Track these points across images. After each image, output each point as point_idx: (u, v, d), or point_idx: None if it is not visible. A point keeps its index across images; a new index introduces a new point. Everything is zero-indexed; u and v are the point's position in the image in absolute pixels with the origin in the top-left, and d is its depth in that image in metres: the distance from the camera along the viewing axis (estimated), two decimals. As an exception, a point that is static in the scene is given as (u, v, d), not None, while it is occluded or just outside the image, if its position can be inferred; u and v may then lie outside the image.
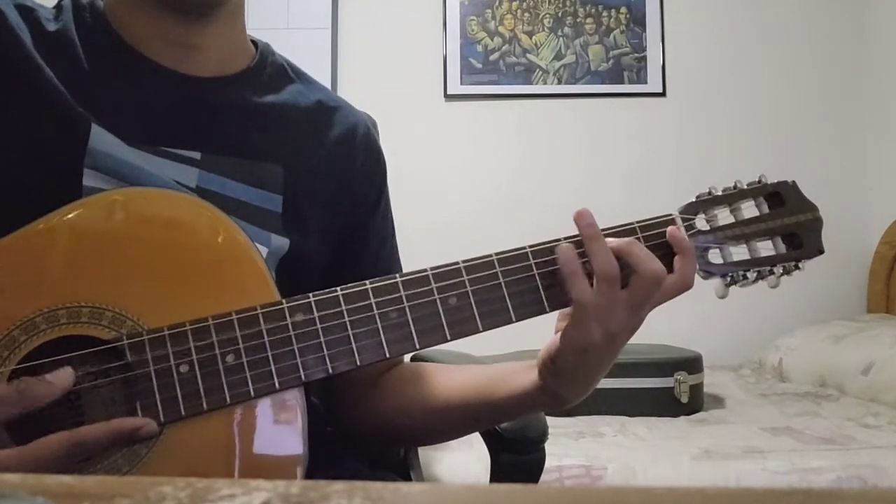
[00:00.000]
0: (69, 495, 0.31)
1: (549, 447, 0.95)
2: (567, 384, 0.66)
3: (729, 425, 1.65)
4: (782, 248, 0.69)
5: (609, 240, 0.63)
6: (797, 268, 0.69)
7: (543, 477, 0.96)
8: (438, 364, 0.79)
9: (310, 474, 0.60)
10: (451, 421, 0.76)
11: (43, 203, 0.60)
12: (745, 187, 0.70)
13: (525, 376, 0.69)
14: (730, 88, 2.60)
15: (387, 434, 0.81)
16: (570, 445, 1.49)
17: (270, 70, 0.79)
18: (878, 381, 1.82)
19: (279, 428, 0.59)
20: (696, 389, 1.80)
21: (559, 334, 0.65)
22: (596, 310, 0.61)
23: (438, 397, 0.75)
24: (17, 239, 0.59)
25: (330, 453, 0.78)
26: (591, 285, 0.62)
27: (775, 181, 0.71)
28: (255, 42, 0.80)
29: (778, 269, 0.69)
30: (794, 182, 0.71)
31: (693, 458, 1.40)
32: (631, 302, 0.62)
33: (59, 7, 0.72)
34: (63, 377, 0.54)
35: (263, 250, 0.69)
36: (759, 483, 1.32)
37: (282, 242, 0.72)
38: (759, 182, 0.70)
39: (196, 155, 0.70)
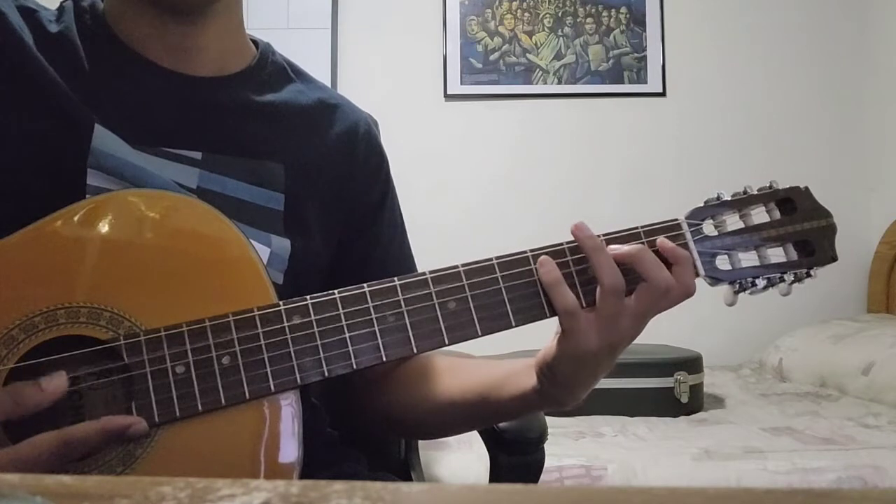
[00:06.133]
0: (69, 495, 0.31)
1: (549, 447, 0.95)
2: (564, 390, 0.66)
3: (729, 425, 1.65)
4: (794, 255, 0.68)
5: (620, 247, 0.63)
6: (809, 275, 0.67)
7: (543, 477, 0.96)
8: (447, 359, 0.79)
9: (310, 475, 0.60)
10: (454, 419, 0.77)
11: (46, 203, 0.60)
12: (756, 192, 0.68)
13: (525, 380, 0.69)
14: (730, 88, 2.60)
15: (391, 427, 0.84)
16: (570, 445, 1.49)
17: (271, 69, 0.79)
18: (879, 381, 1.82)
19: (275, 430, 0.58)
20: (696, 389, 1.80)
21: (556, 342, 0.64)
22: (599, 320, 0.62)
23: (444, 395, 0.75)
24: (17, 239, 0.59)
25: (330, 454, 0.78)
26: (578, 295, 0.62)
27: (787, 187, 0.69)
28: (255, 42, 0.80)
29: (789, 277, 0.67)
30: (806, 188, 0.69)
31: (693, 459, 1.40)
32: (636, 311, 0.62)
33: (61, 9, 0.73)
34: (56, 384, 0.54)
35: (265, 251, 0.69)
36: (760, 483, 1.32)
37: (282, 243, 0.72)
38: (770, 187, 0.69)
39: (197, 155, 0.70)
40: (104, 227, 0.60)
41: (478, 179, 2.58)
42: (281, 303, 0.60)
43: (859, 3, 2.61)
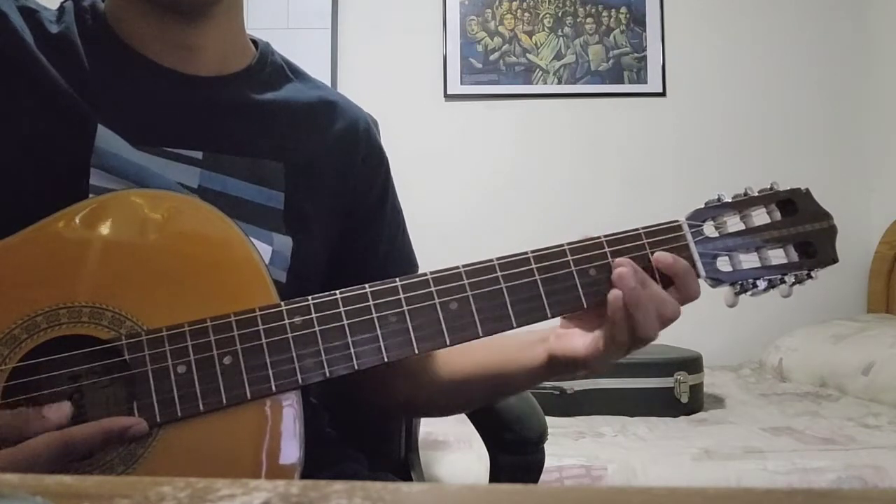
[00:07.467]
0: (69, 495, 0.31)
1: (549, 447, 0.95)
2: (576, 372, 0.70)
3: (729, 425, 1.65)
4: (794, 256, 0.68)
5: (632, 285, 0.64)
6: (810, 277, 0.68)
7: (543, 477, 0.96)
8: None
9: (310, 475, 0.60)
10: (466, 397, 0.80)
11: (50, 202, 0.60)
12: (756, 194, 0.68)
13: (533, 354, 0.71)
14: (730, 88, 2.60)
15: (405, 408, 0.88)
16: (570, 445, 1.49)
17: (270, 69, 0.79)
18: (879, 381, 1.82)
19: (276, 431, 0.58)
20: (696, 389, 1.80)
21: (586, 351, 0.66)
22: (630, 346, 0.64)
23: (456, 375, 0.77)
24: (20, 239, 0.59)
25: (330, 454, 0.78)
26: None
27: (788, 188, 0.69)
28: (255, 42, 0.80)
29: (790, 278, 0.67)
30: (807, 189, 0.69)
31: (693, 459, 1.40)
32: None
33: (61, 9, 0.73)
34: (59, 413, 0.54)
35: (267, 249, 0.69)
36: (760, 483, 1.32)
37: (284, 241, 0.72)
38: (771, 189, 0.69)
39: (198, 154, 0.70)
40: (107, 227, 0.60)
41: (478, 179, 2.58)
42: (282, 303, 0.60)
43: (859, 3, 2.61)
